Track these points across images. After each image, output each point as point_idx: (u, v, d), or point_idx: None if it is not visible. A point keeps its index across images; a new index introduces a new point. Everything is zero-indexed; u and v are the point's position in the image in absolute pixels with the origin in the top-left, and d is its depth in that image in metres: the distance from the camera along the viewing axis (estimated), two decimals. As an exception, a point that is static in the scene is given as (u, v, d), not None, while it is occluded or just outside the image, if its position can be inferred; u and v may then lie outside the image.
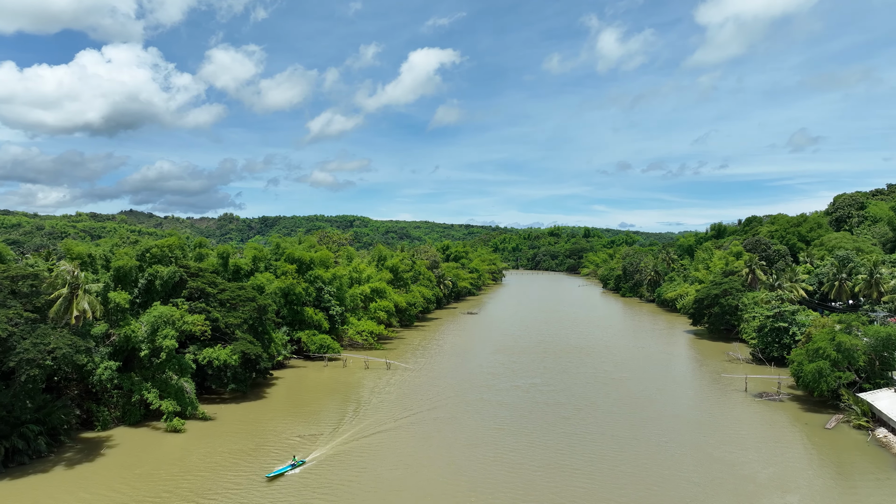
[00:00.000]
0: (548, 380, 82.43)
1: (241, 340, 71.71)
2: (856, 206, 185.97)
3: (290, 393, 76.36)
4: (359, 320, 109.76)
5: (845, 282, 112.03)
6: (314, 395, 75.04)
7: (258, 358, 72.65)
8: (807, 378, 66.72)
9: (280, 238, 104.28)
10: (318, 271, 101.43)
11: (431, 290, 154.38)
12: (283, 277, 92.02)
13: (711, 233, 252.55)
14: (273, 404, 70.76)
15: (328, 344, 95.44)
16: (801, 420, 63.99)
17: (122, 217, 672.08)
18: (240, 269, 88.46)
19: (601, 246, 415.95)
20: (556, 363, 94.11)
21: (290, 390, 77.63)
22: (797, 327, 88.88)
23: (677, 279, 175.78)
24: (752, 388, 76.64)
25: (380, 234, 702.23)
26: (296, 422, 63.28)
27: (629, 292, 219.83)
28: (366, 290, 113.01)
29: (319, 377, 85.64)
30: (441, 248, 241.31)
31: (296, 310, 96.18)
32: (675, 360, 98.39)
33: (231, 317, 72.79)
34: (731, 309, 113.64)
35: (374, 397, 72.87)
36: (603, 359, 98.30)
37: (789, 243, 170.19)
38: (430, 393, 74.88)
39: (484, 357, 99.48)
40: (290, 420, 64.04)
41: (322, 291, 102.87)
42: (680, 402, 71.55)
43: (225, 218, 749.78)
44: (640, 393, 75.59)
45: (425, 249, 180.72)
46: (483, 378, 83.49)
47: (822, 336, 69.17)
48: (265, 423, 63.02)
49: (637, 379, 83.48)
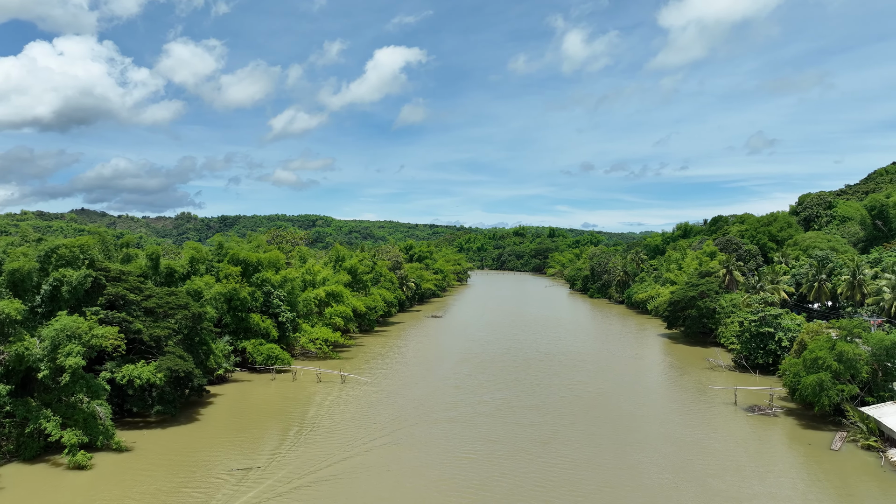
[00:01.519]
0: (519, 394, 74.68)
1: (169, 355, 61.94)
2: (824, 205, 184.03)
3: (229, 413, 66.80)
4: (312, 327, 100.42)
5: (825, 283, 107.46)
6: (256, 416, 65.62)
7: (190, 375, 62.96)
8: (805, 391, 60.42)
9: (223, 237, 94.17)
10: (266, 274, 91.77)
11: (393, 292, 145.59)
12: (224, 281, 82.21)
13: (678, 232, 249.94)
14: (206, 428, 61.19)
15: (277, 354, 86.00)
16: (801, 439, 57.52)
17: (72, 216, 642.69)
18: (174, 271, 78.32)
19: (566, 246, 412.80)
20: (526, 374, 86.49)
21: (229, 410, 68.05)
22: (783, 332, 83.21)
23: (648, 280, 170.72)
24: (742, 400, 70.23)
25: (343, 233, 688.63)
26: (231, 451, 53.96)
27: (597, 293, 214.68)
28: (320, 293, 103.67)
29: (265, 393, 76.19)
30: (404, 247, 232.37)
31: (240, 317, 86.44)
32: (653, 369, 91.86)
33: (158, 327, 62.93)
34: (708, 312, 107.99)
35: (326, 418, 63.91)
36: (576, 368, 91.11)
37: (760, 243, 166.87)
38: (388, 412, 66.27)
39: (449, 367, 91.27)
40: (223, 449, 54.67)
41: (271, 296, 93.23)
42: (667, 419, 64.54)
43: (182, 217, 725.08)
44: (621, 409, 68.41)
45: (387, 249, 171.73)
46: (448, 393, 75.26)
47: (819, 344, 63.01)
48: (193, 452, 53.54)
49: (616, 392, 76.40)
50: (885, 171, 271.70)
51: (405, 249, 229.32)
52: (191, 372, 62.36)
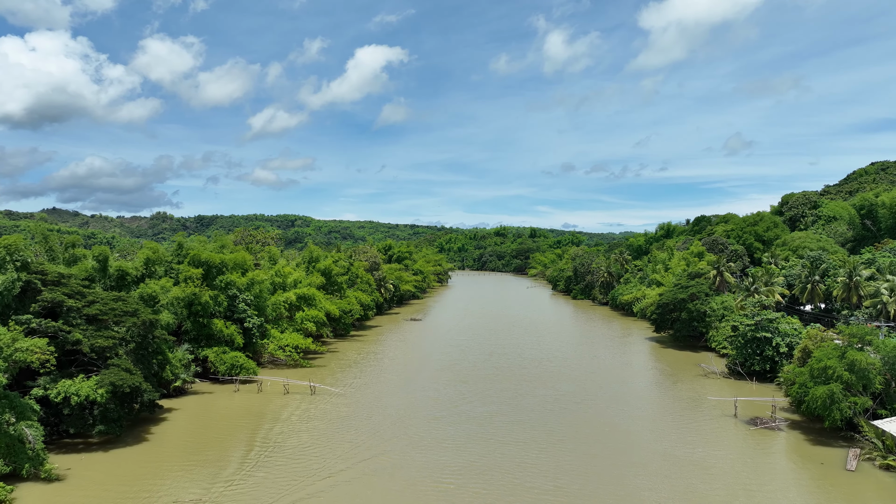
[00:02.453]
0: (503, 407, 69.08)
1: (113, 368, 55.22)
2: (809, 204, 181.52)
3: (183, 432, 60.22)
4: (282, 333, 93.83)
5: (818, 284, 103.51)
6: (214, 435, 59.11)
7: (137, 390, 56.37)
8: (814, 404, 55.61)
9: (183, 236, 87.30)
10: (231, 276, 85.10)
11: (370, 294, 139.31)
12: (182, 284, 75.49)
13: (660, 233, 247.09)
14: (155, 450, 54.59)
15: (241, 363, 79.50)
16: (811, 457, 52.67)
17: (43, 215, 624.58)
18: (126, 274, 71.45)
19: (548, 246, 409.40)
20: (511, 383, 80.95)
21: (184, 428, 61.46)
22: (780, 338, 78.76)
23: (633, 281, 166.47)
24: (742, 412, 65.37)
25: (323, 234, 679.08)
26: (180, 477, 47.56)
27: (581, 294, 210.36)
28: (291, 297, 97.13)
29: (226, 407, 69.66)
30: (383, 248, 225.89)
31: (202, 323, 79.73)
32: (644, 376, 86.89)
33: (101, 337, 56.18)
34: (699, 315, 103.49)
35: (292, 435, 57.69)
36: (562, 376, 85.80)
37: (746, 243, 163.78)
38: (362, 429, 60.24)
39: (428, 376, 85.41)
40: (172, 475, 48.22)
41: (236, 300, 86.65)
42: (664, 434, 59.34)
43: (157, 217, 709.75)
44: (614, 423, 63.13)
45: (364, 250, 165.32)
46: (428, 406, 69.41)
47: (826, 353, 58.31)
48: (136, 480, 47.01)
49: (606, 403, 71.16)
50: (865, 171, 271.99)
51: (384, 250, 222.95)
52: (138, 387, 55.70)
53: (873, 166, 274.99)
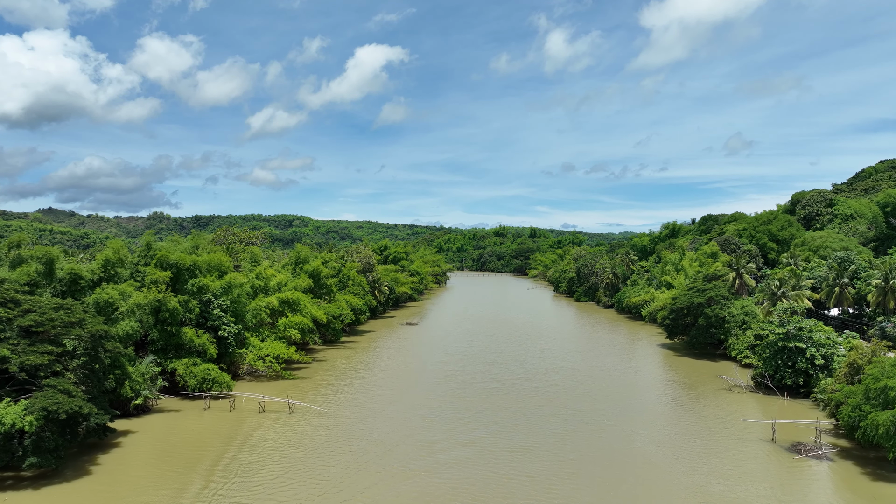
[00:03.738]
0: (505, 429, 60.77)
1: (48, 390, 46.97)
2: (824, 202, 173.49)
3: (136, 461, 51.83)
4: (262, 341, 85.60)
5: (846, 287, 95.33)
6: (170, 466, 50.65)
7: (77, 415, 48.03)
8: (874, 432, 47.35)
9: (152, 236, 78.91)
10: (204, 280, 76.81)
11: (363, 297, 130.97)
12: (145, 290, 67.15)
13: (665, 232, 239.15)
14: (99, 485, 46.26)
15: (214, 377, 71.19)
16: (879, 497, 44.38)
17: (37, 215, 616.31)
18: (79, 278, 63.05)
19: (548, 246, 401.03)
20: (513, 400, 72.63)
21: (137, 456, 53.06)
22: (815, 348, 70.55)
23: (640, 283, 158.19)
24: (781, 435, 57.11)
25: (321, 234, 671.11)
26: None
27: (584, 296, 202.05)
28: (273, 301, 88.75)
29: (192, 429, 61.29)
30: (378, 248, 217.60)
31: (170, 331, 71.45)
32: (662, 390, 78.55)
33: (33, 353, 47.89)
34: (717, 321, 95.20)
35: (261, 468, 49.32)
36: (570, 391, 77.47)
37: (759, 243, 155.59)
38: (344, 458, 51.91)
39: (422, 391, 77.11)
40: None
41: (210, 305, 78.41)
42: (693, 464, 51.04)
43: (154, 217, 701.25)
44: (633, 450, 54.80)
45: (358, 250, 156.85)
46: (419, 430, 61.05)
47: (884, 370, 50.06)
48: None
49: (624, 424, 62.81)
50: (875, 169, 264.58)
51: (379, 250, 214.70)
52: (78, 411, 47.36)
53: (883, 164, 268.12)
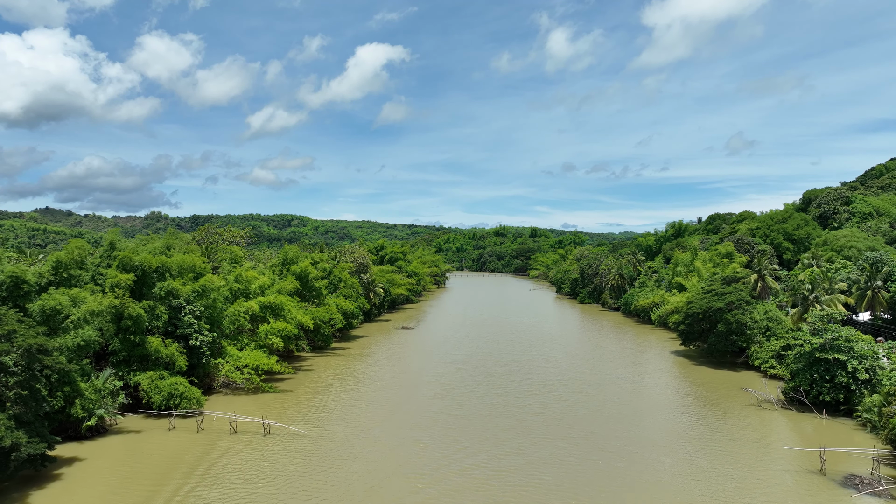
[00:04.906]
0: (508, 455, 52.93)
1: (-37, 417, 39.22)
2: (840, 200, 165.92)
3: (74, 499, 44.00)
4: (241, 350, 77.88)
5: (879, 291, 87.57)
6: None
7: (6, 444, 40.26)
8: (952, 468, 39.62)
9: (115, 234, 71.14)
10: (174, 283, 69.10)
11: (356, 300, 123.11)
12: (100, 295, 59.34)
13: (671, 231, 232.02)
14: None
15: (181, 392, 63.51)
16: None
17: (33, 215, 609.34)
18: (22, 282, 55.15)
19: (549, 246, 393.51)
20: (518, 420, 64.75)
21: (78, 491, 45.20)
22: (857, 360, 62.81)
23: (649, 284, 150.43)
24: (832, 466, 49.32)
25: (319, 234, 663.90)
26: None
27: (588, 298, 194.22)
28: (253, 306, 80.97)
29: (151, 454, 53.43)
30: (374, 248, 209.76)
31: (133, 341, 63.66)
32: (683, 407, 70.61)
33: (-53, 374, 40.11)
34: (739, 327, 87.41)
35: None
36: (581, 408, 69.52)
37: (774, 242, 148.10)
38: (320, 496, 44.12)
39: (416, 408, 69.26)
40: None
41: (181, 311, 70.65)
42: (730, 501, 43.23)
43: (152, 217, 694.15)
44: (665, 485, 46.96)
45: (352, 250, 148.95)
46: (411, 459, 53.21)
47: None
48: None
49: (648, 451, 54.91)
50: (886, 167, 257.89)
51: (375, 250, 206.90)
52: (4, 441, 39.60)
53: (894, 162, 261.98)
